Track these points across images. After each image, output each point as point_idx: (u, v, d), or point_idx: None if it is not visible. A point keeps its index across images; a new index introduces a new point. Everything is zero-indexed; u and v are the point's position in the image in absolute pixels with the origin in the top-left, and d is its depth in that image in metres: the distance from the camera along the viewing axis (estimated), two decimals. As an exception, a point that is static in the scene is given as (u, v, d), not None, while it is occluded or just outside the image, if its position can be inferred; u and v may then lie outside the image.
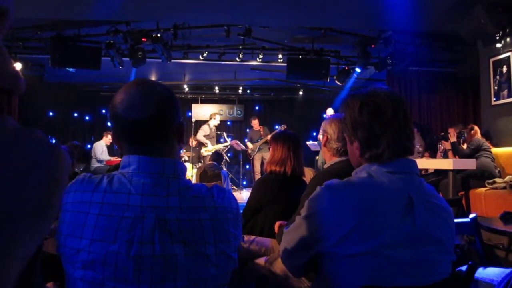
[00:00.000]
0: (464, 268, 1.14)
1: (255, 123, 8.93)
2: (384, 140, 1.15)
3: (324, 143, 2.06)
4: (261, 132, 8.78)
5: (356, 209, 1.08)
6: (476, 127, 5.48)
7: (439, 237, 1.11)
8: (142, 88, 1.05)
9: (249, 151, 8.81)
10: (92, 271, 0.93)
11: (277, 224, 2.19)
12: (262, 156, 8.54)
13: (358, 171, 1.21)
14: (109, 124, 1.14)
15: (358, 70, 7.59)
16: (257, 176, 8.35)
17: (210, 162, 7.17)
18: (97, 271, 0.93)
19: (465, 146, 5.26)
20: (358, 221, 1.06)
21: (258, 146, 8.65)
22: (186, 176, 1.09)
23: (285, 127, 8.34)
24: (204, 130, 8.61)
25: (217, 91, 10.75)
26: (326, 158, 2.10)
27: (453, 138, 5.28)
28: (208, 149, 8.37)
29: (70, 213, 0.98)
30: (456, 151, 5.22)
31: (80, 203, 0.98)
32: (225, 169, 7.58)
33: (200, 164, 8.43)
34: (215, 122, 8.69)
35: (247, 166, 10.68)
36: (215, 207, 1.03)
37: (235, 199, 1.12)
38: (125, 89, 1.06)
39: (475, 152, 5.08)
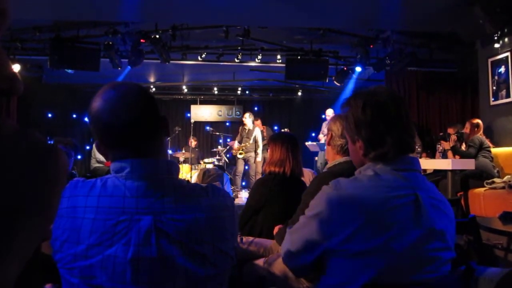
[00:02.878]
0: (463, 268, 1.14)
1: (257, 123, 8.88)
2: (389, 138, 1.16)
3: (329, 141, 2.05)
4: (264, 133, 8.73)
5: (364, 207, 1.09)
6: (481, 124, 5.29)
7: (444, 233, 1.13)
8: (120, 90, 1.04)
9: None
10: (90, 276, 0.92)
11: (276, 228, 2.19)
12: (264, 156, 8.52)
13: (363, 170, 1.22)
14: None
15: (358, 69, 7.57)
16: (258, 176, 8.32)
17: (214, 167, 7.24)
18: (94, 276, 0.92)
19: (463, 146, 5.22)
20: (366, 218, 1.07)
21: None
22: (179, 176, 1.09)
23: (288, 130, 8.30)
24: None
25: (216, 92, 10.74)
26: (329, 158, 2.09)
27: (452, 143, 5.18)
28: (241, 152, 8.11)
29: (65, 219, 0.97)
30: (458, 153, 5.11)
31: (75, 208, 0.97)
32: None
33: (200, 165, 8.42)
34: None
35: (246, 167, 10.67)
36: (210, 205, 1.02)
37: (230, 197, 1.12)
38: (103, 95, 1.03)
39: (479, 151, 4.96)
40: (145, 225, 0.94)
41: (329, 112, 7.94)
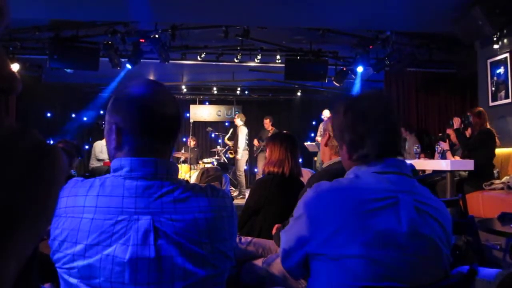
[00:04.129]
0: (462, 269, 1.14)
1: (266, 122, 8.81)
2: (368, 140, 1.16)
3: (326, 142, 2.04)
4: (270, 133, 8.68)
5: (341, 210, 1.08)
6: (483, 111, 4.72)
7: (432, 238, 1.09)
8: (159, 86, 1.09)
9: (254, 148, 8.79)
10: (88, 276, 0.92)
11: (275, 227, 2.19)
12: (265, 157, 8.42)
13: (348, 173, 1.23)
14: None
15: (360, 69, 7.52)
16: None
17: (214, 166, 7.22)
18: (93, 276, 0.92)
19: (468, 133, 4.87)
20: (343, 222, 1.07)
21: (261, 146, 8.57)
22: (178, 176, 1.09)
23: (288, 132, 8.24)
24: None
25: (215, 92, 10.74)
26: (325, 159, 2.08)
27: (457, 124, 4.80)
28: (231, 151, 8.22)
29: (64, 219, 0.97)
30: (460, 138, 4.74)
31: (73, 208, 0.97)
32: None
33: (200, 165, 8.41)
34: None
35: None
36: (209, 206, 1.02)
37: (230, 197, 1.12)
38: (143, 85, 1.07)
39: (482, 144, 4.57)
40: (144, 225, 0.94)
41: (326, 113, 7.93)
